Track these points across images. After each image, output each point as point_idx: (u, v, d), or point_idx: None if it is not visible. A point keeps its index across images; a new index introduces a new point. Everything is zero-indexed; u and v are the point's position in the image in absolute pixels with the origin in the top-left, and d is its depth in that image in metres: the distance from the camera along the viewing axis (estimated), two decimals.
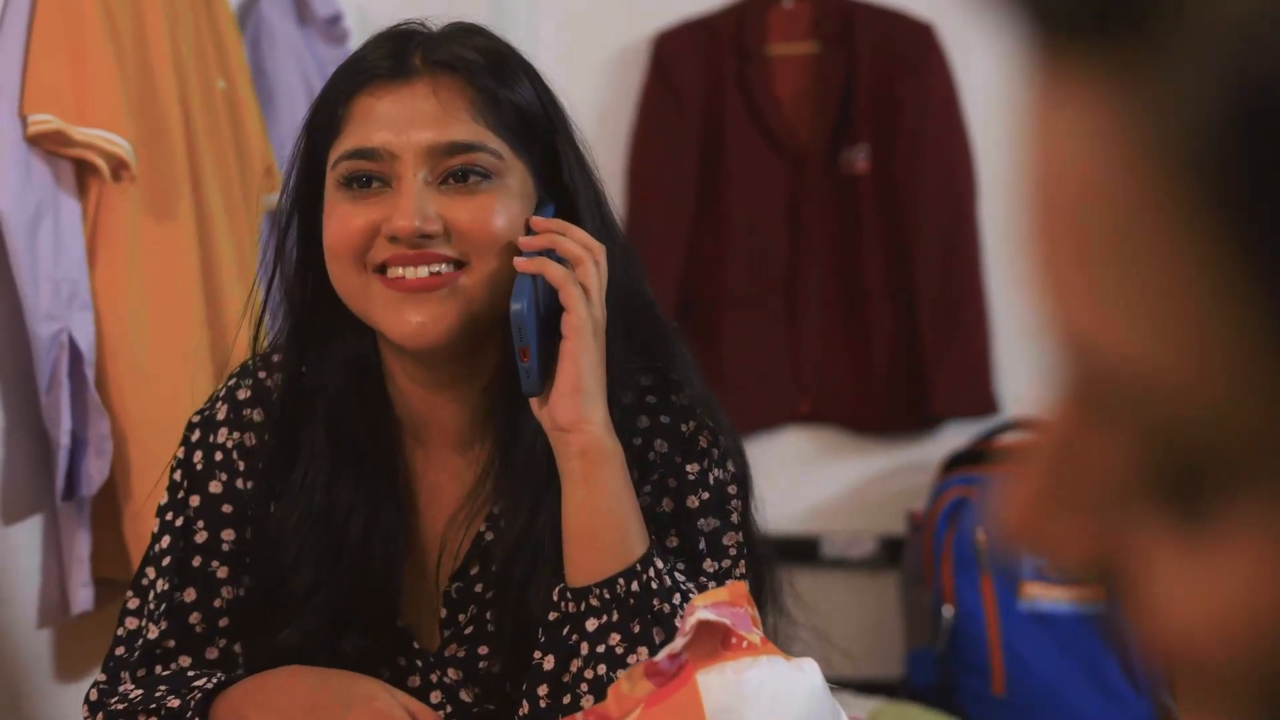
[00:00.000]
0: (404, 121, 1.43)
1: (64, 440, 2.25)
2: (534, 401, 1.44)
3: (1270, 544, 0.40)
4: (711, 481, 1.52)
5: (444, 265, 1.42)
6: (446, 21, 1.52)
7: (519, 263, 1.42)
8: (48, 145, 2.27)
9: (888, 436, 3.70)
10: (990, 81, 3.47)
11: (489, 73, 1.45)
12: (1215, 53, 0.38)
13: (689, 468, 1.52)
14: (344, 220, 1.44)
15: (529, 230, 1.45)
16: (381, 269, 1.43)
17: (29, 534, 2.35)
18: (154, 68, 2.44)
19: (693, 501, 1.51)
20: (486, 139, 1.44)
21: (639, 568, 1.42)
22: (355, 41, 3.28)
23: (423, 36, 1.48)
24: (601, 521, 1.42)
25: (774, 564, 1.62)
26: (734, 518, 1.53)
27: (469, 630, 1.52)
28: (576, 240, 1.44)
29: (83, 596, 2.35)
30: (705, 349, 3.63)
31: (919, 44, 3.58)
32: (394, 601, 1.53)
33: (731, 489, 1.54)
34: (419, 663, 1.54)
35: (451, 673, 1.53)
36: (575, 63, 3.72)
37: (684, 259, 3.69)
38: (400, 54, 1.45)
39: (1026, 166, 0.44)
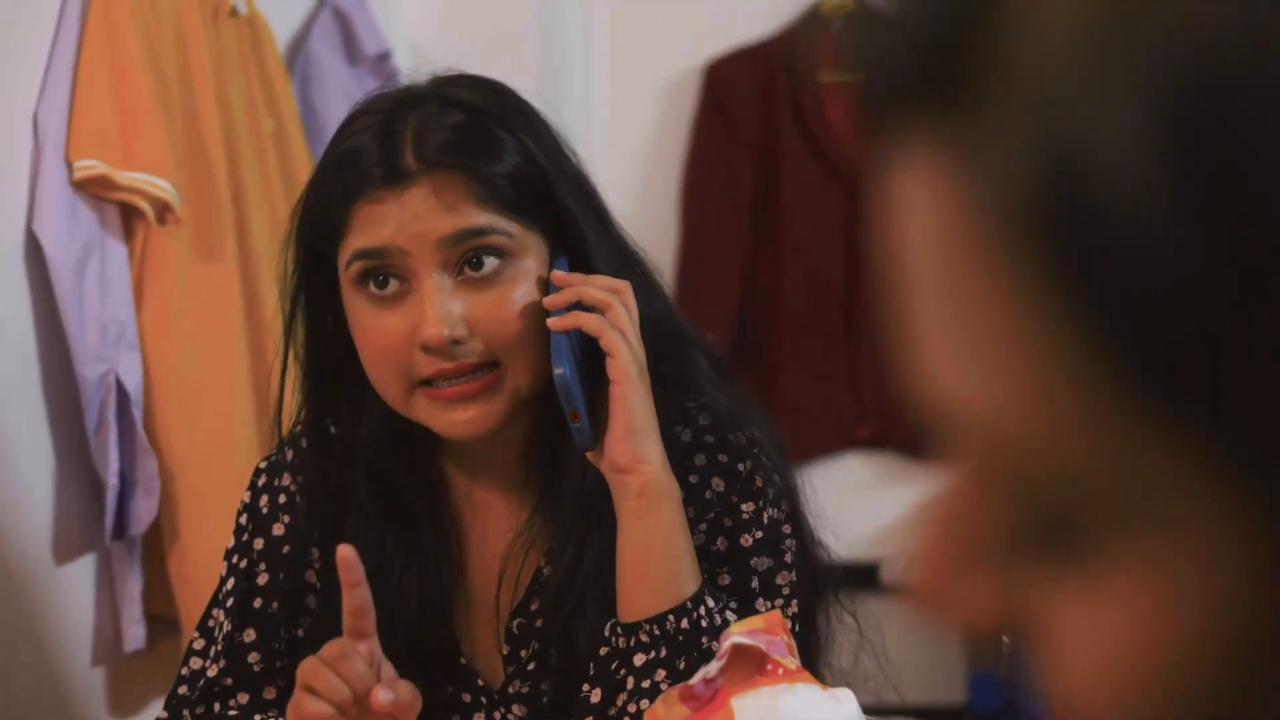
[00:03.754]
0: (410, 219, 1.40)
1: (112, 480, 2.28)
2: (590, 453, 1.45)
3: (1140, 591, 0.42)
4: (766, 521, 1.52)
5: (479, 371, 1.42)
6: (428, 75, 1.49)
7: (552, 322, 1.42)
8: (93, 190, 2.30)
9: None
10: None
11: (479, 156, 1.42)
12: (1030, 119, 0.40)
13: (744, 507, 1.52)
14: (376, 332, 1.43)
15: (550, 287, 1.44)
16: (426, 382, 1.43)
17: (82, 573, 2.38)
18: (199, 109, 2.47)
19: (746, 540, 1.51)
20: (495, 222, 1.42)
21: (690, 605, 1.43)
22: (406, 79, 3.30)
23: (407, 121, 1.43)
24: (655, 559, 1.43)
25: (831, 601, 1.61)
26: (787, 558, 1.52)
27: (532, 666, 1.53)
28: (601, 286, 1.44)
29: (135, 634, 2.38)
30: (764, 374, 3.63)
31: None
32: (451, 644, 1.54)
33: (785, 529, 1.53)
34: (483, 700, 1.54)
35: (516, 709, 1.53)
36: (628, 92, 3.74)
37: (741, 284, 3.69)
38: (391, 155, 1.41)
39: (879, 236, 0.46)
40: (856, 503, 3.61)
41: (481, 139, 1.43)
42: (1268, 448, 0.39)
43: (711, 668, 1.28)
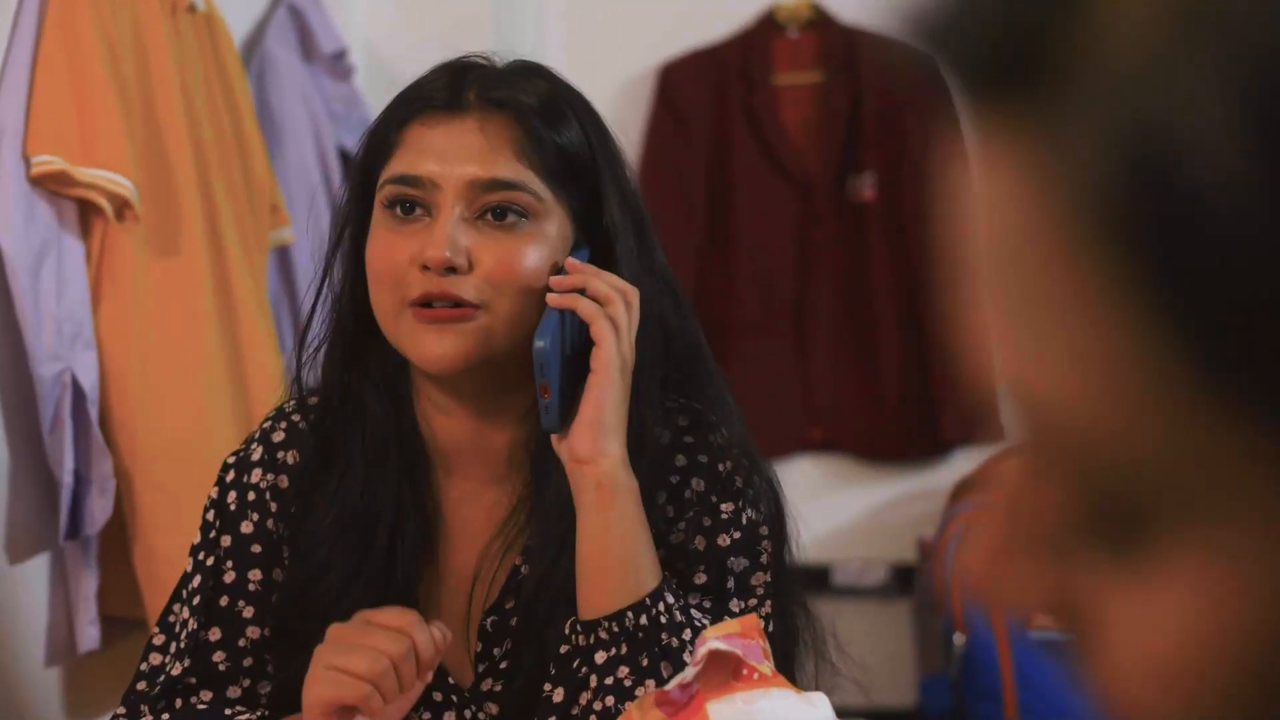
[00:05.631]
0: (450, 154, 1.45)
1: (67, 479, 2.26)
2: (554, 437, 1.46)
3: (1203, 580, 0.42)
4: (744, 522, 1.53)
5: (465, 306, 1.45)
6: (511, 58, 1.55)
7: (551, 298, 1.45)
8: (51, 185, 2.28)
9: (899, 464, 3.70)
10: None
11: (539, 115, 1.47)
12: (1111, 103, 0.40)
13: (723, 507, 1.53)
14: (387, 248, 1.47)
15: (561, 271, 1.47)
16: (415, 304, 1.45)
17: (35, 573, 2.36)
18: (158, 106, 2.45)
19: (724, 540, 1.52)
20: (528, 179, 1.46)
21: (648, 602, 1.44)
22: (361, 77, 3.30)
23: (482, 71, 1.50)
24: (613, 555, 1.44)
25: (808, 607, 1.62)
26: (763, 559, 1.54)
27: (504, 665, 1.53)
28: (608, 282, 1.46)
29: (89, 635, 2.36)
30: None
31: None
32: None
33: (763, 530, 1.54)
34: (454, 698, 1.54)
35: (489, 707, 1.53)
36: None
37: (693, 287, 3.70)
38: (456, 86, 1.48)
39: (950, 221, 0.46)
40: (808, 505, 3.61)
41: (549, 107, 1.49)
42: None
43: (687, 673, 1.29)
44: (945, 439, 3.61)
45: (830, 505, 3.70)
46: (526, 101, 1.47)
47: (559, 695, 1.45)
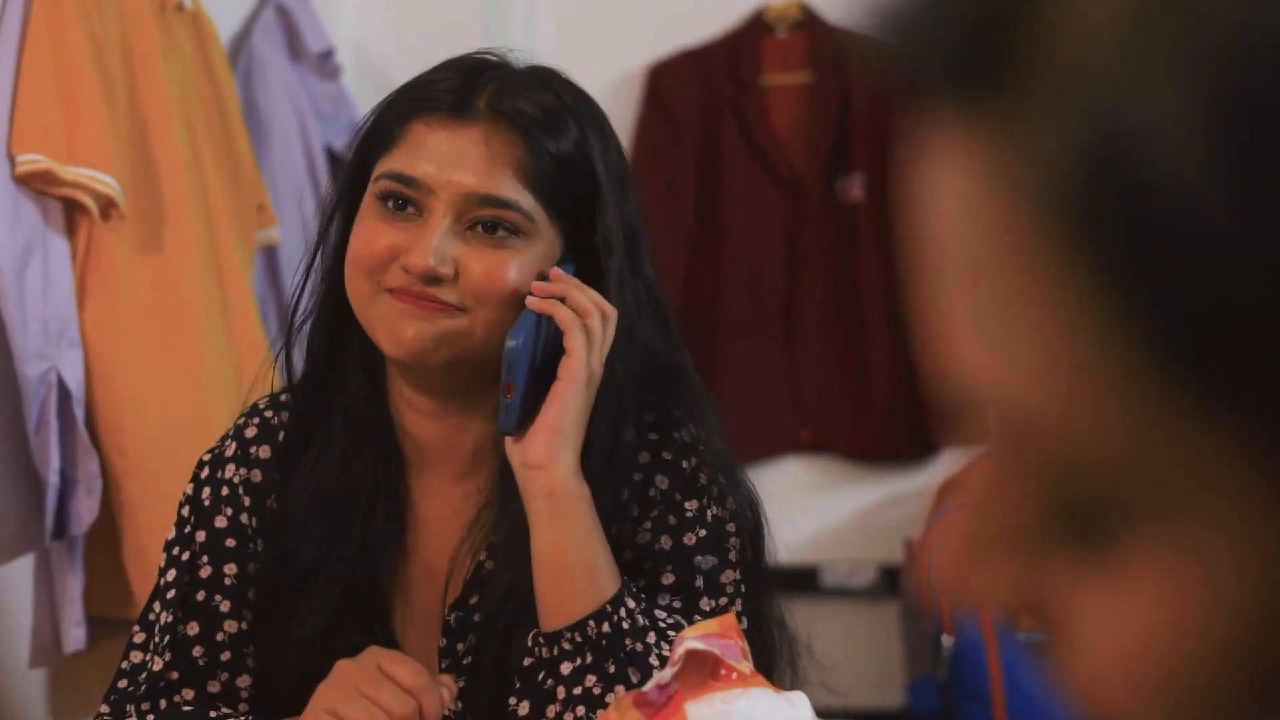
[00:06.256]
0: (450, 160, 1.45)
1: (53, 479, 2.26)
2: (508, 440, 1.46)
3: (1172, 578, 0.42)
4: (709, 519, 1.52)
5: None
6: (527, 61, 1.53)
7: (530, 301, 1.45)
8: (36, 184, 2.27)
9: (888, 465, 3.70)
10: None
11: (545, 131, 1.46)
12: (1074, 102, 0.40)
13: (688, 505, 1.52)
14: (371, 235, 1.47)
15: (544, 278, 1.47)
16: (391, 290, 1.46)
17: (21, 573, 2.36)
18: (145, 105, 2.45)
19: (690, 539, 1.52)
20: (523, 200, 1.45)
21: (609, 608, 1.43)
22: (348, 77, 3.29)
23: (496, 75, 1.49)
24: (570, 564, 1.43)
25: (779, 602, 1.62)
26: (732, 556, 1.53)
27: (467, 660, 1.52)
28: (588, 296, 1.46)
29: (75, 636, 2.35)
30: (704, 379, 3.63)
31: None
32: (383, 608, 1.54)
33: (730, 527, 1.53)
34: None
35: (453, 704, 1.52)
36: None
37: (682, 289, 3.70)
38: (467, 90, 1.46)
39: (913, 218, 0.46)
40: (796, 507, 3.62)
41: (557, 124, 1.48)
42: None
43: (665, 673, 1.28)
44: (934, 440, 3.61)
45: (819, 506, 3.70)
46: (535, 117, 1.46)
47: (524, 709, 1.45)
